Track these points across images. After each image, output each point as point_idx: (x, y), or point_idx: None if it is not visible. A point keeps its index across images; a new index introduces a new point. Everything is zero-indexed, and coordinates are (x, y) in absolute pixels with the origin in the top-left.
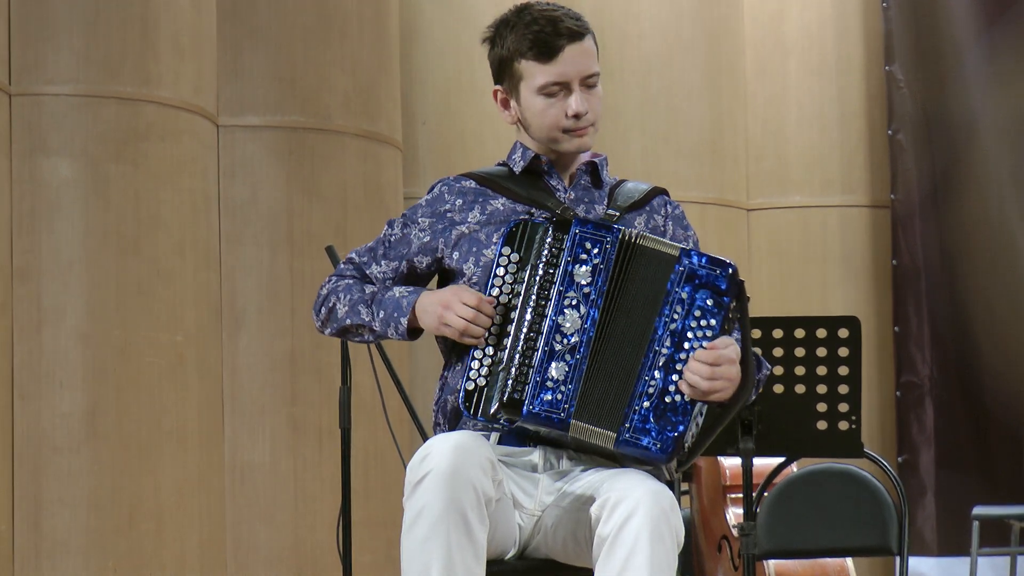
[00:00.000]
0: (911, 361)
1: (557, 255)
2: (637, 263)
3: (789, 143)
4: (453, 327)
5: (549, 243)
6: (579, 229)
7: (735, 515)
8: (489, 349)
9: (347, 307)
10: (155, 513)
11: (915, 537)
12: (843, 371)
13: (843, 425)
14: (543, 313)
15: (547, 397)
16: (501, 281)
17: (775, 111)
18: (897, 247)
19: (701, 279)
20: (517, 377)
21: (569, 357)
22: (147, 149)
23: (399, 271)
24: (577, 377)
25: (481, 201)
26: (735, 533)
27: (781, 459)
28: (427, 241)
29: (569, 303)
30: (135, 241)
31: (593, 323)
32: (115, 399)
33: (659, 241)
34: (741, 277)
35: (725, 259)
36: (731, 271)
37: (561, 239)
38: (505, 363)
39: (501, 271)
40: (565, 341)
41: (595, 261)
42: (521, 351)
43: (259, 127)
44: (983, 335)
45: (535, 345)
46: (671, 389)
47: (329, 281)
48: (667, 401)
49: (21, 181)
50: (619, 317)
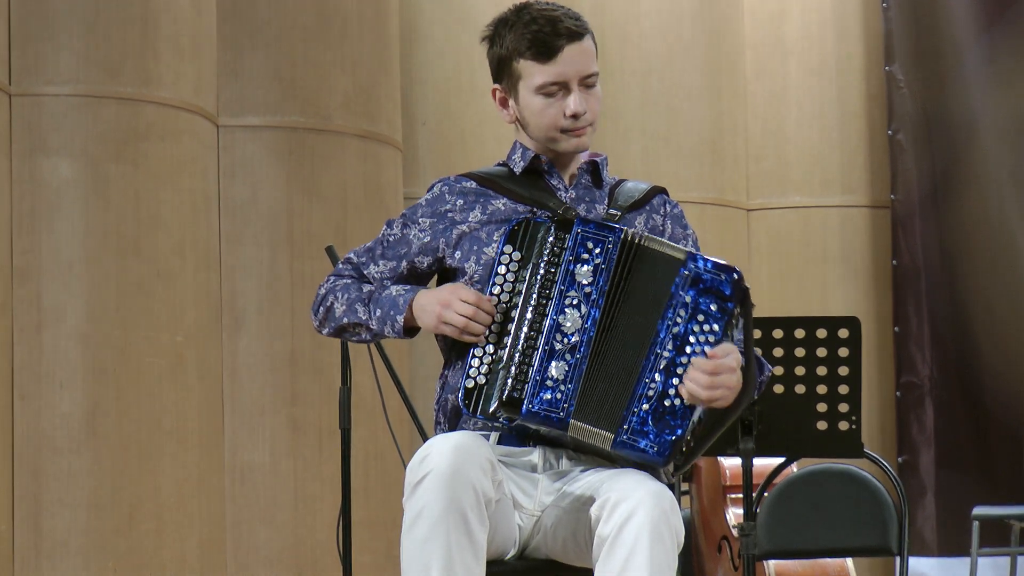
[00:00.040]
0: (911, 361)
1: (559, 254)
2: (642, 264)
3: (789, 143)
4: (453, 325)
5: (551, 242)
6: (581, 228)
7: (735, 515)
8: (489, 347)
9: (344, 306)
10: (155, 513)
11: (915, 537)
12: (843, 371)
13: (843, 425)
14: (544, 312)
15: (546, 396)
16: (502, 279)
17: (775, 111)
18: (897, 247)
19: (706, 284)
20: (517, 376)
21: (569, 356)
22: (147, 149)
23: (397, 271)
24: (577, 377)
25: (482, 201)
26: (735, 533)
27: (781, 459)
28: (427, 241)
29: (570, 302)
30: (135, 241)
31: (594, 323)
32: (115, 399)
33: (665, 244)
34: (747, 284)
35: (731, 265)
36: (736, 277)
37: (563, 238)
38: (505, 361)
39: (503, 269)
40: (565, 340)
41: (597, 261)
42: (521, 350)
43: (259, 127)
44: (983, 335)
45: (535, 344)
46: (671, 393)
47: (327, 281)
48: (666, 404)
49: (21, 181)
50: (621, 318)
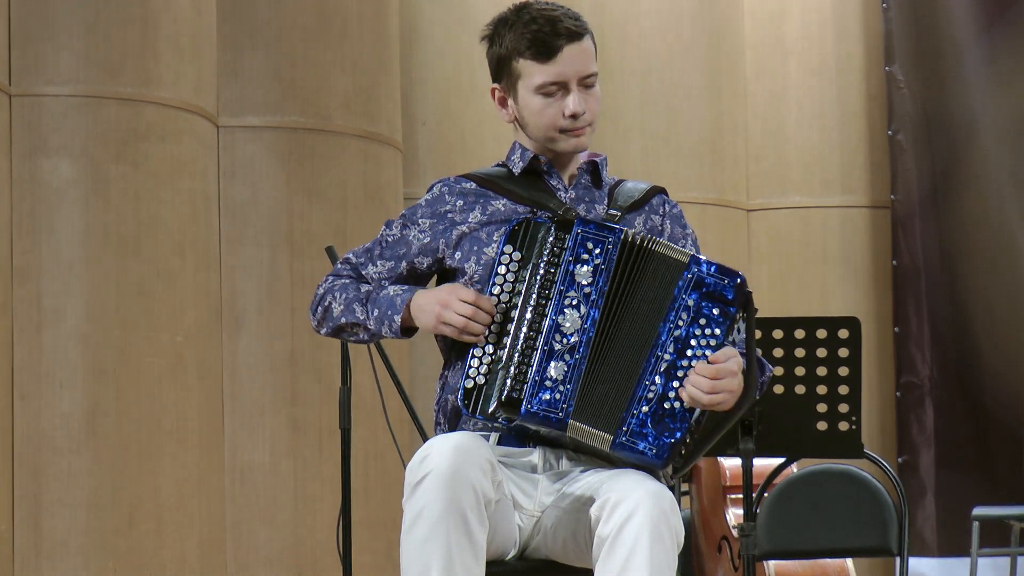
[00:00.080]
0: (911, 361)
1: (559, 254)
2: (645, 267)
3: (789, 143)
4: (452, 325)
5: (551, 242)
6: (581, 229)
7: (735, 516)
8: (489, 348)
9: (342, 306)
10: (155, 513)
11: (915, 538)
12: (843, 371)
13: (843, 426)
14: (543, 312)
15: (545, 396)
16: (502, 279)
17: (775, 111)
18: (897, 247)
19: (709, 287)
20: (516, 376)
21: (568, 357)
22: (147, 149)
23: (396, 271)
24: (576, 377)
25: (482, 202)
26: (735, 534)
27: (781, 460)
28: (427, 242)
29: (569, 303)
30: (135, 241)
31: (593, 323)
32: (115, 399)
33: (669, 246)
34: (750, 288)
35: (734, 269)
36: (739, 281)
37: (563, 239)
38: (504, 362)
39: (503, 269)
40: (565, 341)
41: (596, 261)
42: (520, 350)
43: (259, 127)
44: (983, 335)
45: (534, 344)
46: (671, 395)
47: (326, 281)
48: (666, 407)
49: (21, 181)
50: (622, 319)
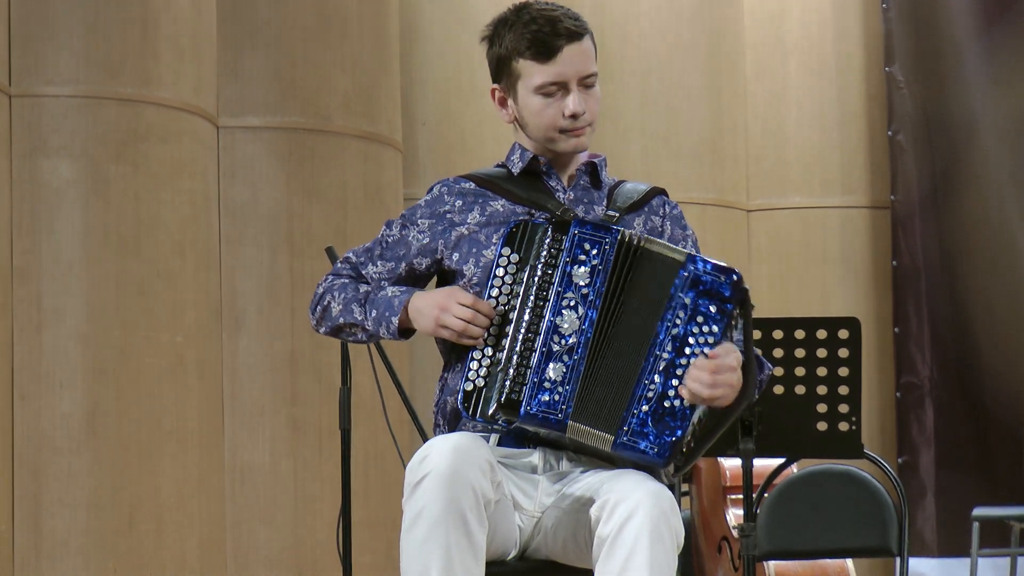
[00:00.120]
0: (911, 362)
1: (556, 256)
2: (641, 266)
3: (789, 144)
4: (451, 328)
5: (548, 244)
6: (578, 230)
7: (735, 516)
8: (488, 350)
9: (341, 306)
10: (155, 514)
11: (915, 538)
12: (843, 372)
13: (843, 426)
14: (541, 314)
15: (544, 398)
16: (500, 282)
17: (775, 112)
18: (897, 248)
19: (705, 285)
20: (515, 378)
21: (567, 358)
22: (147, 150)
23: (396, 272)
24: (575, 378)
25: (481, 202)
26: (735, 534)
27: (781, 460)
28: (426, 243)
29: (567, 304)
30: (135, 242)
31: (591, 324)
32: (115, 400)
33: (665, 245)
34: (746, 285)
35: (730, 267)
36: (736, 278)
37: (560, 240)
38: (503, 364)
39: (501, 271)
40: (563, 342)
41: (593, 262)
42: (519, 352)
43: (259, 128)
44: (983, 335)
45: (533, 346)
46: (670, 394)
47: (325, 280)
48: (666, 406)
49: (21, 182)
50: (620, 319)
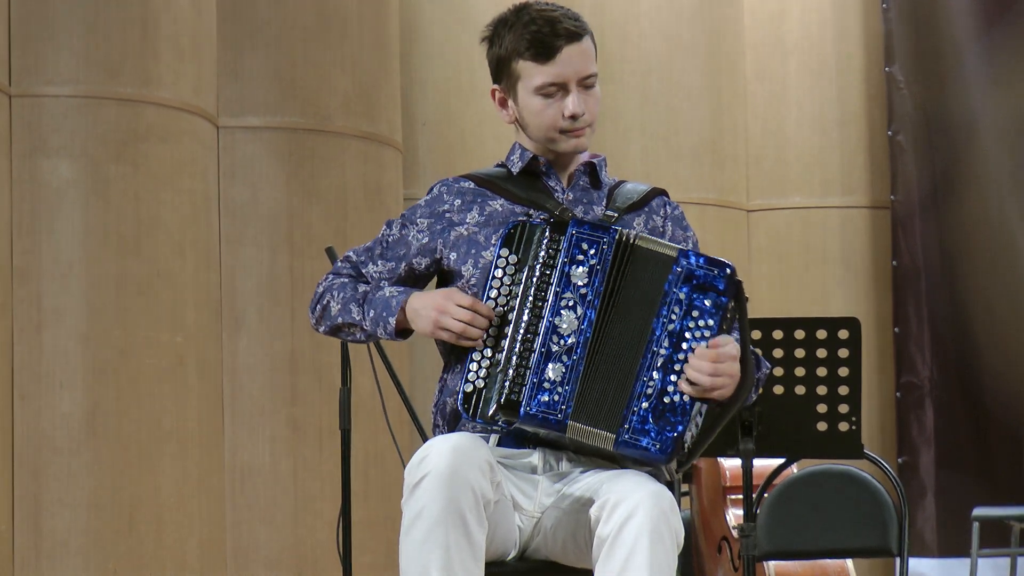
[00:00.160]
0: (911, 362)
1: (554, 256)
2: (635, 264)
3: (789, 144)
4: (450, 330)
5: (546, 244)
6: (576, 230)
7: (735, 516)
8: (487, 351)
9: (340, 305)
10: (155, 514)
11: (915, 538)
12: (843, 372)
13: (843, 426)
14: (540, 314)
15: (544, 398)
16: (499, 283)
17: (775, 112)
18: (897, 248)
19: (699, 280)
20: (514, 379)
21: (566, 358)
22: (147, 150)
23: (396, 272)
24: (574, 378)
25: (480, 202)
26: (735, 534)
27: (781, 460)
28: (426, 242)
29: (566, 304)
30: (135, 242)
31: (590, 324)
32: (115, 400)
33: (657, 242)
34: (739, 278)
35: (723, 260)
36: (729, 271)
37: (558, 240)
38: (503, 365)
39: (499, 272)
40: (562, 342)
41: (592, 262)
42: (518, 352)
43: (259, 128)
44: (983, 335)
45: (532, 346)
46: (670, 390)
47: (325, 279)
48: (666, 401)
49: (21, 182)
50: (617, 318)
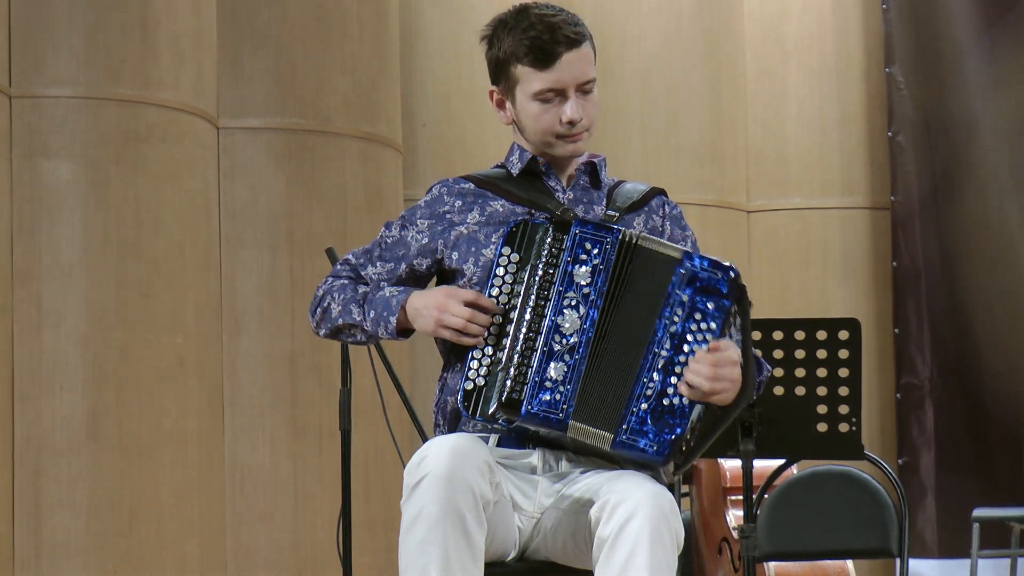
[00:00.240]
0: (911, 363)
1: (557, 255)
2: (638, 264)
3: (789, 145)
4: (451, 328)
5: (549, 243)
6: (579, 229)
7: (735, 517)
8: (488, 349)
9: (340, 307)
10: (155, 515)
11: (915, 539)
12: (843, 373)
13: (843, 427)
14: (542, 313)
15: (545, 397)
16: (501, 281)
17: (775, 113)
18: (897, 249)
19: (702, 282)
20: (516, 377)
21: (568, 357)
22: (147, 151)
23: (395, 273)
24: (576, 377)
25: (480, 203)
26: (735, 535)
27: (781, 461)
28: (426, 243)
29: (568, 303)
30: (135, 243)
31: (592, 324)
32: (115, 401)
33: (661, 243)
34: (743, 282)
35: (727, 263)
36: (732, 275)
37: (561, 239)
38: (504, 363)
39: (501, 271)
40: (564, 341)
41: (595, 262)
42: (520, 351)
43: (259, 129)
44: (983, 336)
45: (534, 345)
46: (669, 392)
47: (325, 282)
48: (665, 403)
49: (21, 183)
50: (619, 318)
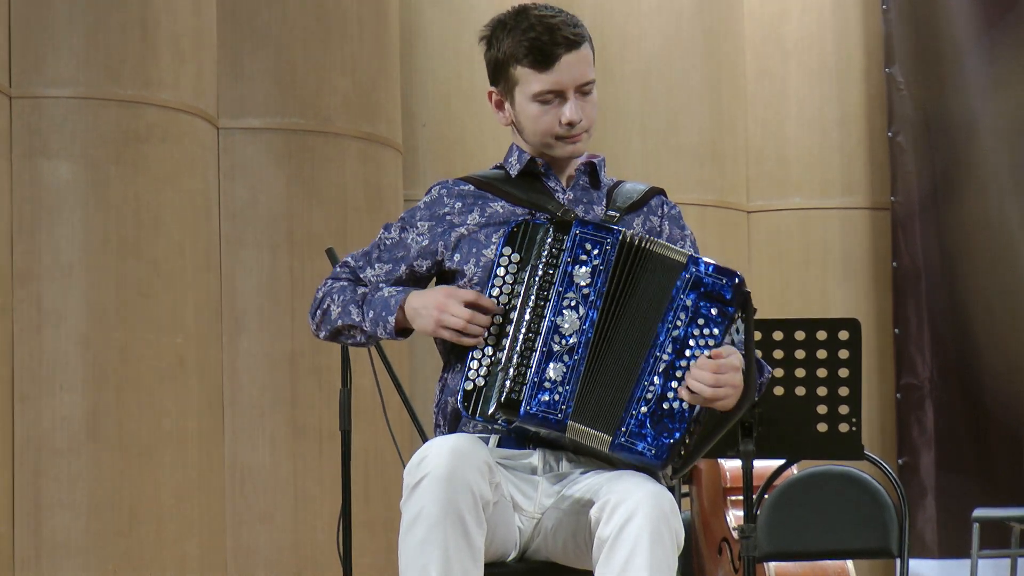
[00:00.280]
0: (911, 363)
1: (557, 256)
2: (643, 267)
3: (789, 145)
4: (451, 328)
5: (549, 243)
6: (579, 230)
7: (735, 517)
8: (488, 349)
9: (339, 308)
10: (155, 515)
11: (915, 539)
12: (843, 373)
13: (843, 427)
14: (542, 313)
15: (544, 398)
16: (501, 281)
17: (775, 113)
18: (897, 249)
19: (707, 288)
20: (515, 377)
21: (567, 358)
22: (147, 151)
23: (394, 274)
24: (575, 378)
25: (480, 204)
26: (735, 535)
27: (781, 461)
28: (426, 245)
29: (568, 304)
30: (135, 243)
31: (592, 324)
32: (115, 401)
33: (667, 247)
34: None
35: (732, 269)
36: (737, 281)
37: (561, 240)
38: (504, 363)
39: (501, 271)
40: (563, 342)
41: (595, 262)
42: (519, 351)
43: (259, 129)
44: (983, 336)
45: (533, 346)
46: (670, 396)
47: (324, 285)
48: (665, 407)
49: (21, 183)
50: (620, 320)
